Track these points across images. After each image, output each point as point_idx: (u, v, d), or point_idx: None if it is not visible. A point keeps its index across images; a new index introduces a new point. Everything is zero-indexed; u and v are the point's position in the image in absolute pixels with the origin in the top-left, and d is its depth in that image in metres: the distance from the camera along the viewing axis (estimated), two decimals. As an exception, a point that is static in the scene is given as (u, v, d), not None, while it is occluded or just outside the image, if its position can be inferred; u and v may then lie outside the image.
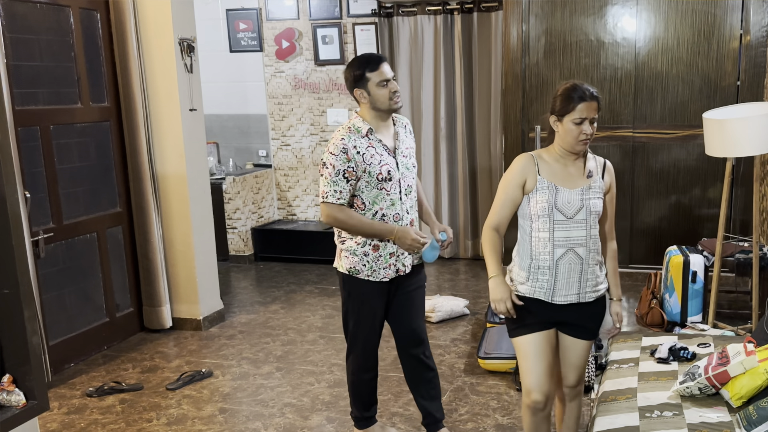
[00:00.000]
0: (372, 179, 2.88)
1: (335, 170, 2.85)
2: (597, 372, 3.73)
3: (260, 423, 3.57)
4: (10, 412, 2.12)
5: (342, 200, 2.87)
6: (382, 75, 2.87)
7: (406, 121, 3.14)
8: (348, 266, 3.00)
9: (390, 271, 2.99)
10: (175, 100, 4.61)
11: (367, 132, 2.91)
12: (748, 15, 5.09)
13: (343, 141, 2.86)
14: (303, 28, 6.57)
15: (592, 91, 2.50)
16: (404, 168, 2.98)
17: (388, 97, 2.89)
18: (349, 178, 2.87)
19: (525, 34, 5.55)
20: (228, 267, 6.51)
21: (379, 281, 3.00)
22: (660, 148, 5.46)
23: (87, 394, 3.93)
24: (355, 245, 2.96)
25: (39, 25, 4.09)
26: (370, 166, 2.88)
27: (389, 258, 2.98)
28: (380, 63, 2.88)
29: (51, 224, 4.16)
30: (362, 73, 2.87)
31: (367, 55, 2.93)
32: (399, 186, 2.96)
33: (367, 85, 2.88)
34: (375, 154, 2.90)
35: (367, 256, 2.96)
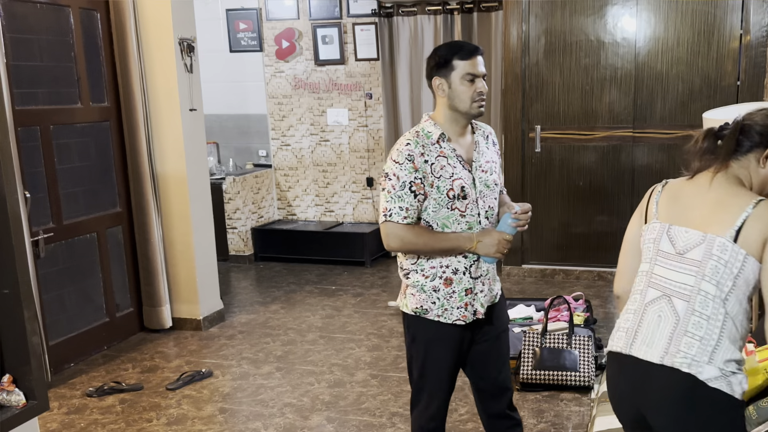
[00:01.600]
0: (441, 196, 2.37)
1: (400, 182, 2.33)
2: (597, 372, 3.73)
3: (260, 423, 3.57)
4: (10, 412, 2.11)
5: (409, 219, 2.35)
6: (473, 68, 2.35)
7: (490, 130, 2.60)
8: (414, 306, 2.48)
9: (467, 312, 2.46)
10: (175, 100, 4.61)
11: (439, 138, 2.39)
12: (748, 15, 5.09)
13: (409, 147, 2.36)
14: (303, 28, 6.57)
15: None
16: (482, 185, 2.44)
17: (471, 97, 2.36)
18: (417, 192, 2.34)
19: (525, 34, 5.55)
20: (228, 267, 6.51)
21: (452, 324, 2.46)
22: (660, 148, 5.46)
23: (87, 394, 3.93)
24: (422, 279, 2.45)
25: (39, 25, 4.09)
26: (439, 180, 2.36)
27: (464, 295, 2.45)
28: (474, 53, 2.37)
29: (51, 224, 4.16)
30: (449, 59, 2.36)
31: (461, 42, 2.44)
32: (477, 207, 2.43)
33: (450, 76, 2.37)
34: (446, 165, 2.38)
35: (437, 291, 2.44)
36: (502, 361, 2.60)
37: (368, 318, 5.03)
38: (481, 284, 2.47)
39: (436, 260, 2.43)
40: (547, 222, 5.75)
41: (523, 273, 5.85)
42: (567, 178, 5.67)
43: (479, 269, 2.46)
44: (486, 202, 2.45)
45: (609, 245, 5.66)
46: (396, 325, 4.86)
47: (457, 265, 2.43)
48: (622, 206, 5.58)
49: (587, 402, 3.62)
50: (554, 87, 5.57)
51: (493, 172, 2.50)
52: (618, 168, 5.55)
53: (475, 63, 2.36)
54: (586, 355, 3.75)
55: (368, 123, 6.60)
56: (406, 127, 6.37)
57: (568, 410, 3.56)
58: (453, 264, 2.43)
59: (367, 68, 6.47)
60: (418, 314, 2.48)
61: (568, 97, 5.55)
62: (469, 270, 2.44)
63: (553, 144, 5.63)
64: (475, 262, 2.44)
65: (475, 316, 2.48)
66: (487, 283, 2.50)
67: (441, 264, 2.42)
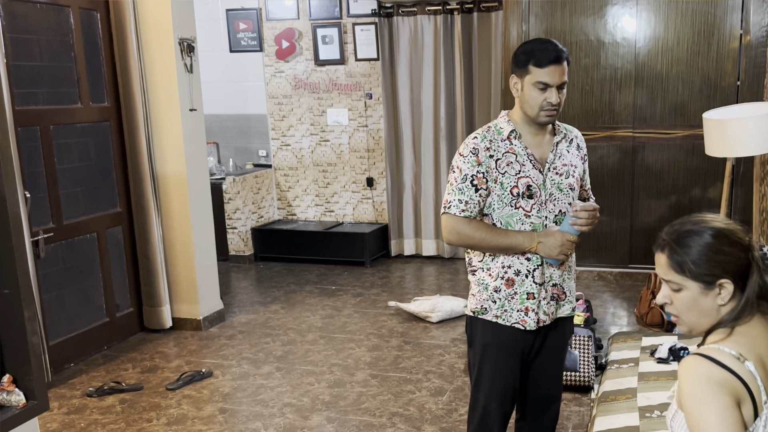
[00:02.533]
0: (505, 193, 2.31)
1: (462, 175, 2.31)
2: (597, 372, 3.73)
3: (260, 423, 3.57)
4: (10, 412, 2.12)
5: (468, 212, 2.32)
6: (547, 77, 2.24)
7: (577, 134, 2.49)
8: (474, 306, 2.42)
9: (528, 317, 2.36)
10: (175, 100, 4.61)
11: (510, 134, 2.34)
12: (748, 15, 5.09)
13: (475, 140, 2.33)
14: (303, 28, 6.57)
15: None
16: (555, 188, 2.35)
17: (540, 105, 2.27)
18: (479, 186, 2.30)
19: (525, 34, 5.55)
20: (228, 267, 6.51)
21: (511, 326, 2.37)
22: (660, 148, 5.46)
23: (87, 394, 3.93)
24: (487, 277, 2.38)
25: (39, 25, 4.09)
26: (503, 176, 2.31)
27: (526, 299, 2.36)
28: (552, 62, 2.23)
29: (51, 224, 4.16)
30: (526, 62, 2.27)
31: (544, 44, 2.27)
32: (545, 209, 2.34)
33: (524, 78, 2.28)
34: (514, 162, 2.31)
35: (498, 292, 2.37)
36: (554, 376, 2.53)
37: (368, 318, 5.03)
38: (545, 291, 2.37)
39: (500, 259, 2.36)
40: (547, 222, 5.74)
41: (523, 273, 5.85)
42: (567, 178, 5.66)
43: (544, 275, 2.36)
44: (557, 205, 2.35)
45: (609, 245, 5.66)
46: (396, 325, 4.87)
47: (519, 267, 2.36)
48: (622, 206, 5.59)
49: (587, 402, 3.62)
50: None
51: (569, 175, 2.39)
52: (618, 168, 5.55)
53: (550, 72, 2.24)
54: (586, 355, 3.75)
55: (368, 123, 6.60)
56: (406, 127, 6.37)
57: (568, 410, 3.56)
58: (515, 265, 2.36)
59: (367, 68, 6.47)
60: (477, 314, 2.41)
61: (568, 97, 5.54)
62: (532, 274, 2.35)
63: (553, 144, 5.63)
64: (539, 266, 2.35)
65: (538, 324, 2.37)
66: (551, 291, 2.39)
67: (503, 264, 2.36)
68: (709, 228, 1.57)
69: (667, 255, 1.58)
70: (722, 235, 1.56)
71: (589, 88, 5.49)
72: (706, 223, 1.58)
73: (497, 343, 2.39)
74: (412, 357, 4.29)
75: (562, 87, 2.28)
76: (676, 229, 1.60)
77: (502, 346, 2.39)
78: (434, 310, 4.86)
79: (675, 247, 1.57)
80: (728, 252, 1.54)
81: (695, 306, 1.56)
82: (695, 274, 1.54)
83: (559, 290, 2.41)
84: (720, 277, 1.54)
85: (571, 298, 2.46)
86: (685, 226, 1.60)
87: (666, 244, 1.59)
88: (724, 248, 1.54)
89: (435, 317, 4.84)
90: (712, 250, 1.54)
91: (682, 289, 1.56)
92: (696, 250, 1.55)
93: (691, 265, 1.54)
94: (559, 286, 2.41)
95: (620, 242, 5.64)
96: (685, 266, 1.55)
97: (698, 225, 1.59)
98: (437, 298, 5.01)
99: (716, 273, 1.54)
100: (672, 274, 1.57)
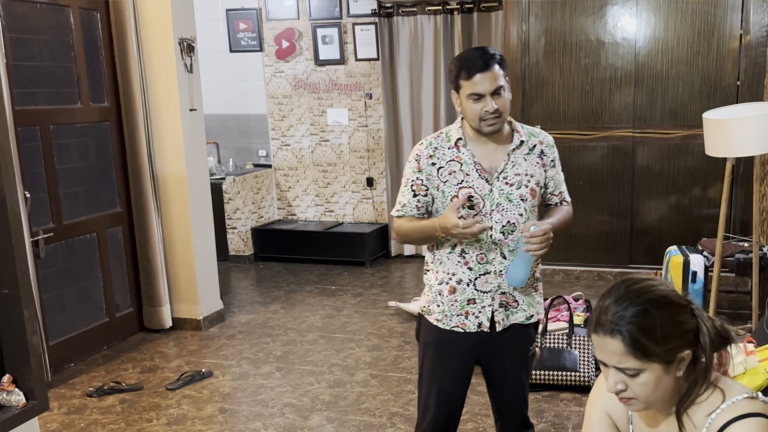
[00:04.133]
0: (446, 202, 2.30)
1: (405, 179, 2.37)
2: (597, 372, 3.73)
3: (260, 423, 3.57)
4: (10, 412, 2.11)
5: (402, 213, 2.36)
6: (476, 87, 2.19)
7: (542, 138, 2.40)
8: (423, 303, 2.46)
9: (468, 320, 2.35)
10: (175, 100, 4.61)
11: (457, 142, 2.30)
12: (748, 15, 5.09)
13: (420, 147, 2.34)
14: (303, 28, 6.57)
15: None
16: (503, 198, 2.29)
17: (478, 116, 2.22)
18: (417, 192, 2.33)
19: (525, 34, 5.55)
20: (228, 267, 6.51)
21: (451, 329, 2.38)
22: (660, 148, 5.46)
23: (87, 394, 3.93)
24: (433, 279, 2.41)
25: (39, 25, 4.09)
26: (445, 185, 2.30)
27: (467, 304, 2.35)
28: (477, 71, 2.18)
29: (51, 224, 4.16)
30: (456, 74, 2.24)
31: (470, 54, 2.23)
32: (490, 220, 2.29)
33: (459, 92, 2.26)
34: (458, 171, 2.29)
35: (441, 295, 2.38)
36: (513, 385, 2.47)
37: (368, 318, 5.03)
38: (491, 299, 2.34)
39: (445, 266, 2.36)
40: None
41: (523, 273, 5.84)
42: (567, 178, 5.62)
43: (487, 284, 2.33)
44: (504, 216, 2.29)
45: (609, 245, 5.66)
46: (396, 325, 4.86)
47: (462, 276, 2.35)
48: (622, 206, 5.58)
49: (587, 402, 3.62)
50: (554, 87, 5.57)
51: (522, 186, 2.31)
52: (618, 168, 5.55)
53: (480, 81, 2.18)
54: (586, 355, 3.75)
55: (368, 123, 6.60)
56: (406, 127, 6.37)
57: (568, 410, 3.56)
58: (458, 273, 2.35)
59: (367, 68, 6.47)
60: (424, 313, 2.45)
61: (568, 97, 5.55)
62: (474, 282, 2.33)
63: (553, 144, 5.63)
64: (482, 275, 2.33)
65: (480, 329, 2.35)
66: (500, 299, 2.35)
67: (448, 271, 2.36)
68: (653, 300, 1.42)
69: (623, 342, 1.40)
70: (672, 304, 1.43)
71: (589, 88, 5.49)
72: (647, 295, 1.43)
73: (437, 343, 2.40)
74: (412, 357, 4.29)
75: (497, 93, 2.20)
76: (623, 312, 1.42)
77: (442, 346, 2.40)
78: (434, 310, 4.85)
79: (632, 331, 1.40)
80: (683, 321, 1.43)
81: (658, 387, 1.43)
82: (658, 355, 1.40)
83: (508, 298, 2.37)
84: (682, 350, 1.42)
85: (525, 307, 2.40)
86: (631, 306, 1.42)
87: (617, 330, 1.41)
88: (680, 318, 1.43)
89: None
90: (672, 323, 1.41)
91: (641, 373, 1.42)
92: (657, 329, 1.40)
93: (656, 348, 1.39)
94: (508, 294, 2.36)
95: (620, 242, 5.63)
96: (649, 350, 1.39)
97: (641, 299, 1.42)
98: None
99: (679, 347, 1.42)
100: (630, 361, 1.41)
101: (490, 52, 2.21)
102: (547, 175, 2.41)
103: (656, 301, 1.42)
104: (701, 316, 1.46)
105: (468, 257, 2.32)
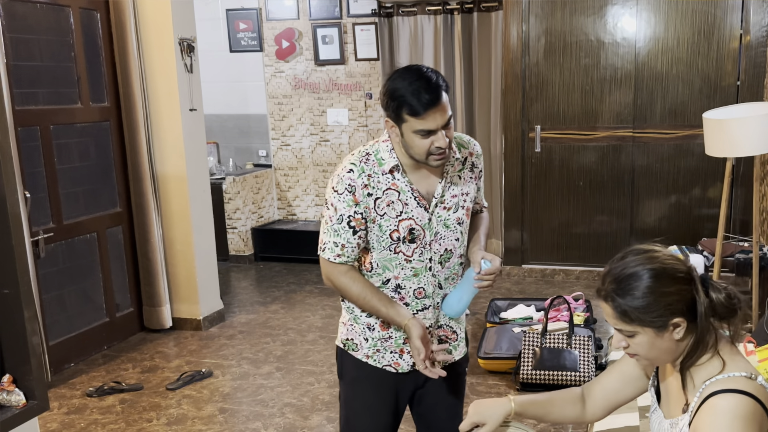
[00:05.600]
0: (383, 236, 2.01)
1: (338, 215, 2.00)
2: (597, 372, 3.73)
3: (260, 423, 3.57)
4: (10, 412, 2.11)
5: (345, 257, 2.02)
6: (426, 125, 1.89)
7: (472, 149, 2.14)
8: (345, 336, 2.16)
9: (402, 360, 2.12)
10: (175, 100, 4.61)
11: (393, 168, 2.00)
12: (748, 15, 5.09)
13: (351, 175, 1.98)
14: (303, 28, 6.57)
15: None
16: (441, 226, 2.05)
17: (427, 151, 1.93)
18: (357, 228, 2.00)
19: (525, 34, 5.55)
20: (228, 267, 6.51)
21: (383, 368, 2.13)
22: (660, 148, 5.46)
23: (87, 394, 3.93)
24: (359, 311, 2.12)
25: (39, 25, 4.09)
26: (382, 218, 2.00)
27: (402, 343, 2.10)
28: (429, 107, 1.87)
29: (51, 224, 4.16)
30: (397, 107, 1.91)
31: (415, 86, 1.88)
32: (429, 251, 2.05)
33: (401, 125, 1.94)
34: (396, 201, 2.00)
35: (371, 330, 2.11)
36: (448, 414, 2.23)
37: (368, 318, 5.02)
38: (429, 336, 2.09)
39: None
40: (547, 222, 5.75)
41: (523, 273, 5.85)
42: (567, 178, 5.67)
43: (426, 320, 2.10)
44: (442, 245, 2.06)
45: (609, 245, 5.66)
46: (396, 325, 4.86)
47: None
48: (622, 206, 5.59)
49: (587, 402, 3.62)
50: (554, 87, 5.57)
51: (458, 208, 2.08)
52: (618, 168, 5.55)
53: (430, 118, 1.88)
54: (586, 355, 3.75)
55: (368, 123, 6.60)
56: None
57: (568, 410, 3.56)
58: None
59: (367, 68, 6.47)
60: (348, 348, 2.16)
61: (568, 97, 5.55)
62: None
63: (553, 144, 5.64)
64: (420, 311, 2.08)
65: (413, 368, 2.10)
66: (438, 333, 2.15)
67: None
68: (646, 270, 1.51)
69: (612, 306, 1.53)
70: (662, 274, 1.50)
71: (589, 88, 5.49)
72: (644, 266, 1.51)
73: (368, 381, 2.14)
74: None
75: (447, 125, 1.92)
76: (615, 276, 1.54)
77: (374, 385, 2.14)
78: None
79: (617, 297, 1.52)
80: (671, 292, 1.49)
81: (654, 347, 1.54)
82: (644, 321, 1.50)
83: (447, 331, 2.17)
84: (670, 318, 1.50)
85: (462, 335, 2.23)
86: (624, 272, 1.53)
87: (608, 294, 1.54)
88: (666, 289, 1.49)
89: (435, 317, 4.84)
90: (655, 293, 1.49)
91: (636, 334, 1.53)
92: (639, 297, 1.49)
93: (638, 314, 1.50)
94: (446, 326, 2.16)
95: (620, 242, 5.63)
96: (632, 316, 1.50)
97: (636, 268, 1.52)
98: (437, 298, 5.00)
99: (665, 315, 1.50)
100: (621, 324, 1.53)
101: (435, 79, 1.90)
102: (477, 186, 2.17)
103: (648, 270, 1.51)
104: (700, 285, 1.52)
105: (404, 292, 2.06)
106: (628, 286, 1.51)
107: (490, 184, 6.22)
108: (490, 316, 4.62)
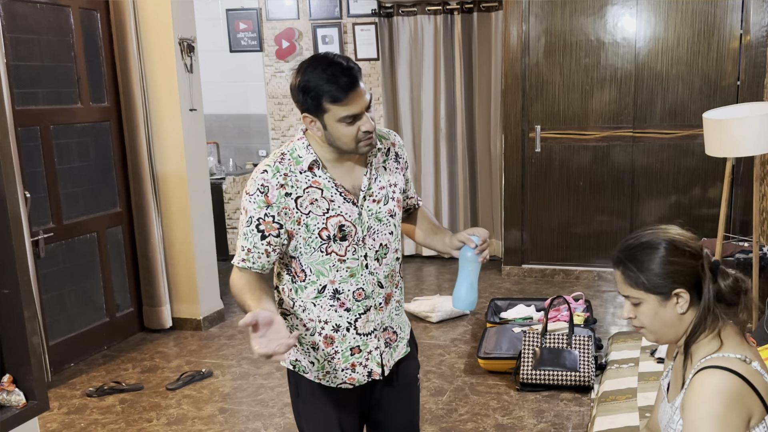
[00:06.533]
0: (312, 237, 1.90)
1: (247, 217, 1.90)
2: (597, 372, 3.73)
3: (260, 423, 3.57)
4: (10, 412, 2.12)
5: (249, 263, 1.93)
6: (350, 110, 1.82)
7: (394, 140, 2.08)
8: (293, 358, 2.03)
9: (356, 374, 2.01)
10: (175, 100, 4.61)
11: (311, 165, 1.90)
12: (748, 15, 5.09)
13: (265, 176, 1.88)
14: (303, 28, 6.57)
15: None
16: (374, 220, 1.96)
17: (355, 138, 1.85)
18: (267, 233, 1.89)
19: (525, 34, 5.55)
20: (228, 267, 6.48)
21: (337, 387, 2.02)
22: (660, 148, 5.46)
23: (87, 394, 3.93)
24: (302, 328, 1.99)
25: (39, 25, 4.09)
26: (308, 217, 1.89)
27: (350, 356, 1.99)
28: (349, 91, 1.80)
29: (51, 224, 4.16)
30: (316, 98, 1.82)
31: (329, 72, 1.80)
32: (363, 247, 1.96)
33: (322, 117, 1.84)
34: (320, 199, 1.90)
35: (315, 350, 1.99)
36: (405, 418, 2.17)
37: (368, 318, 5.02)
38: (376, 339, 2.01)
39: (313, 312, 1.97)
40: (547, 222, 5.75)
41: (523, 273, 5.85)
42: (567, 178, 5.67)
43: (369, 323, 1.99)
44: (377, 239, 1.97)
45: (609, 245, 5.66)
46: (396, 325, 4.87)
47: (339, 321, 1.97)
48: (622, 206, 5.59)
49: (587, 402, 3.62)
50: (554, 87, 5.57)
51: (389, 200, 1.99)
52: (618, 168, 5.55)
53: (352, 102, 1.80)
54: (586, 355, 3.75)
55: (368, 123, 6.59)
56: (407, 127, 6.37)
57: (568, 410, 3.56)
58: (333, 319, 1.97)
59: (367, 68, 6.47)
60: (298, 370, 2.04)
61: (568, 97, 5.55)
62: (354, 325, 1.98)
63: (553, 144, 5.64)
64: (362, 314, 1.97)
65: (371, 377, 2.02)
66: (384, 337, 2.04)
67: (319, 318, 1.97)
68: (659, 240, 1.61)
69: (621, 272, 1.64)
70: (672, 245, 1.60)
71: (589, 88, 5.49)
72: (656, 236, 1.62)
73: (323, 400, 2.03)
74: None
75: (369, 107, 1.86)
76: (629, 245, 1.65)
77: (331, 402, 2.04)
78: (434, 310, 4.86)
79: (627, 263, 1.62)
80: (678, 262, 1.58)
81: (657, 317, 1.62)
82: (649, 287, 1.59)
83: (390, 333, 2.06)
84: (674, 288, 1.58)
85: (404, 335, 2.12)
86: (637, 240, 1.64)
87: (620, 261, 1.65)
88: (673, 258, 1.59)
89: (435, 317, 4.84)
90: (663, 261, 1.59)
91: (642, 302, 1.62)
92: (647, 264, 1.60)
93: (644, 279, 1.59)
94: (390, 329, 2.06)
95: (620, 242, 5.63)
96: (638, 281, 1.60)
97: (649, 238, 1.63)
98: (437, 298, 5.01)
99: (669, 284, 1.58)
100: (629, 289, 1.63)
101: (346, 63, 1.82)
102: (405, 177, 2.11)
103: (657, 240, 1.61)
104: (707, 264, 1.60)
105: (343, 297, 1.95)
106: (640, 253, 1.61)
107: (491, 184, 6.23)
108: (490, 316, 4.62)
